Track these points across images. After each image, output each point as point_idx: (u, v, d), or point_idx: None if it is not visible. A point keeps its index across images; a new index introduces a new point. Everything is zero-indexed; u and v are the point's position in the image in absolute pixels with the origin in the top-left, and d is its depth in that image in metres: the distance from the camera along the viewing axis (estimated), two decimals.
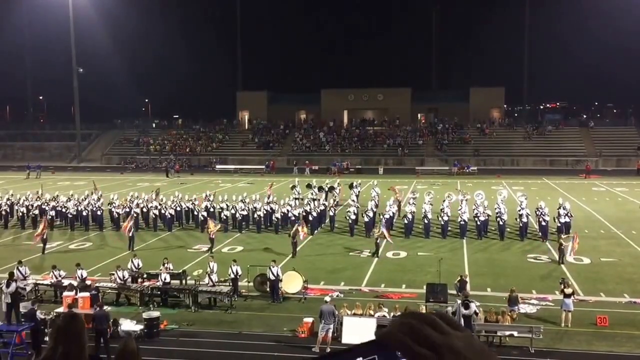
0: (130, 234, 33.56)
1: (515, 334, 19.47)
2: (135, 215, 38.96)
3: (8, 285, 21.46)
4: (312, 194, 43.92)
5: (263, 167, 76.60)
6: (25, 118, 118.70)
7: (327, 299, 20.72)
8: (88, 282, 24.50)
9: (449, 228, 35.93)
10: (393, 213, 38.14)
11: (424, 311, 19.84)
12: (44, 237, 33.12)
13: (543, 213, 34.91)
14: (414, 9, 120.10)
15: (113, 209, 39.70)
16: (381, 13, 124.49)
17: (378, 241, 31.46)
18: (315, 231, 37.17)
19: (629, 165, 74.38)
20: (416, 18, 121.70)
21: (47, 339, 19.19)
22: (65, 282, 24.41)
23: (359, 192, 47.12)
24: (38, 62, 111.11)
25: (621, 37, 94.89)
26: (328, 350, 18.95)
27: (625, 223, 39.14)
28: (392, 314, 20.64)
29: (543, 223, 34.29)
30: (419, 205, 40.44)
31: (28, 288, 24.19)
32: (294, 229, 32.06)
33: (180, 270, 25.91)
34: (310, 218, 37.73)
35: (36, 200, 42.59)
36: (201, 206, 40.15)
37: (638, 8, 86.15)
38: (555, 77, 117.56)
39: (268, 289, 24.24)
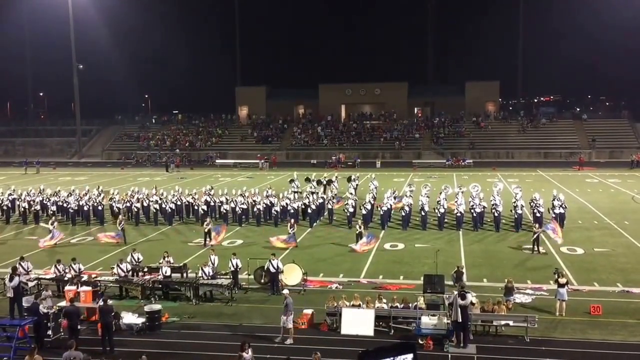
0: (121, 227, 34.15)
1: (511, 323, 19.66)
2: (135, 209, 39.40)
3: (11, 280, 21.63)
4: (310, 187, 44.24)
5: (262, 161, 76.68)
6: (25, 114, 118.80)
7: (286, 292, 20.89)
8: (84, 277, 24.85)
9: (446, 220, 36.32)
10: (391, 205, 38.54)
11: (421, 301, 20.31)
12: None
13: (538, 205, 35.36)
14: (410, 4, 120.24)
15: (114, 204, 40.05)
16: (377, 8, 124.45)
17: (358, 231, 31.93)
18: (314, 224, 37.57)
19: (622, 157, 74.94)
20: (412, 13, 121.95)
21: (49, 332, 19.64)
22: (68, 276, 24.72)
23: (357, 185, 47.48)
24: (38, 58, 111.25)
25: (614, 31, 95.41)
26: (291, 341, 19.32)
27: (618, 214, 39.63)
28: (390, 305, 21.00)
29: (538, 214, 34.71)
30: (415, 197, 40.90)
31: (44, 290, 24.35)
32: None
33: (181, 264, 26.24)
34: (309, 211, 38.20)
35: (38, 195, 42.92)
36: (201, 200, 40.57)
37: (630, 3, 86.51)
38: (549, 71, 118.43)
39: (269, 282, 24.55)
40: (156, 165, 79.71)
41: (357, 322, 20.10)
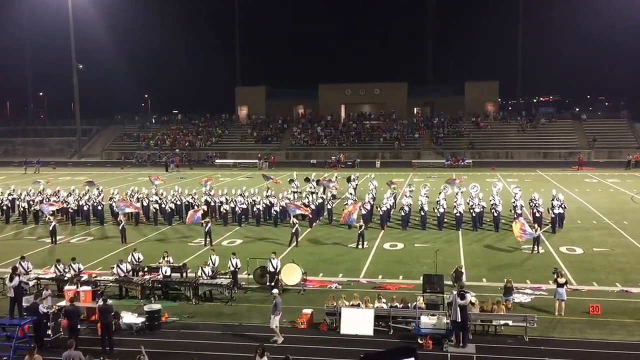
0: (121, 227, 34.11)
1: (510, 323, 19.71)
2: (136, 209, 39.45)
3: (11, 280, 21.69)
4: (310, 187, 44.27)
5: (262, 161, 76.72)
6: (25, 114, 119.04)
7: (275, 291, 20.86)
8: (84, 276, 24.85)
9: (445, 220, 36.38)
10: (390, 205, 38.59)
11: (421, 301, 20.35)
12: (54, 228, 34.08)
13: (537, 204, 35.40)
14: (410, 4, 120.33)
15: (113, 204, 40.09)
16: (377, 8, 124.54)
17: (360, 231, 31.90)
18: (314, 224, 37.61)
19: (621, 157, 75.07)
20: (412, 13, 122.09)
21: (49, 332, 19.65)
22: (67, 276, 24.75)
23: (356, 185, 47.52)
24: (38, 58, 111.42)
25: (612, 32, 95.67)
26: (281, 340, 19.30)
27: (617, 214, 39.73)
28: (389, 304, 21.04)
29: (537, 214, 34.75)
30: (415, 197, 40.96)
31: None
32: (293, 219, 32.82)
33: (181, 264, 26.28)
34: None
35: (37, 195, 42.97)
36: (201, 200, 40.63)
37: (628, 4, 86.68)
38: (549, 71, 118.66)
39: (268, 282, 24.52)
40: (156, 165, 79.78)
41: (357, 321, 20.13)
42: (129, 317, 21.02)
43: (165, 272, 24.31)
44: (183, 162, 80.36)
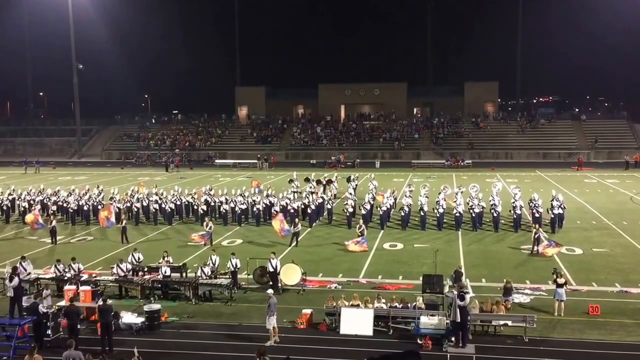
0: (122, 227, 34.14)
1: (510, 323, 19.72)
2: (136, 209, 39.44)
3: (11, 280, 21.72)
4: (310, 187, 44.28)
5: (261, 162, 76.78)
6: (25, 114, 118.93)
7: (270, 291, 20.71)
8: (83, 276, 24.86)
9: (445, 220, 36.39)
10: (390, 205, 38.63)
11: (420, 302, 20.36)
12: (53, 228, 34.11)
13: (536, 205, 35.41)
14: (409, 5, 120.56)
15: (114, 204, 40.06)
16: (377, 9, 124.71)
17: (360, 230, 32.02)
18: (314, 224, 37.64)
19: (620, 157, 75.12)
20: (411, 14, 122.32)
21: (49, 332, 19.66)
22: (67, 276, 24.76)
23: (356, 185, 47.55)
24: (38, 58, 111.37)
25: (612, 32, 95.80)
26: (272, 342, 19.20)
27: (616, 214, 39.76)
28: (389, 305, 21.06)
29: (537, 215, 34.75)
30: (415, 197, 40.98)
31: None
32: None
33: (181, 264, 26.29)
34: (309, 211, 38.29)
35: (38, 195, 43.00)
36: (200, 200, 40.66)
37: (629, 4, 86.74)
38: (548, 72, 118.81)
39: (270, 282, 24.55)
40: (156, 165, 79.86)
41: (356, 322, 20.14)
42: (128, 317, 21.03)
43: (165, 272, 24.31)
44: (183, 162, 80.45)
